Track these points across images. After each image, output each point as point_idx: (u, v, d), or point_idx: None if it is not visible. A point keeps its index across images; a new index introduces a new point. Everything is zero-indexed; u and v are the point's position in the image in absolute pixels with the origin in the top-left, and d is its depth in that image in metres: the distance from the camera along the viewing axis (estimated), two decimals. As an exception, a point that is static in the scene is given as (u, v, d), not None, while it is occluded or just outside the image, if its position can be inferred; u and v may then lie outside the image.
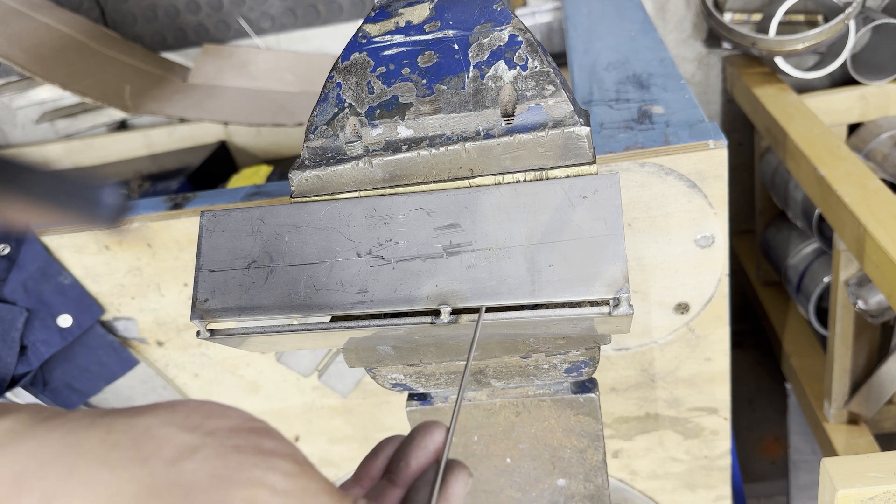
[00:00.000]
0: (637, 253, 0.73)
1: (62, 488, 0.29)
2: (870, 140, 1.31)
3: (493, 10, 0.51)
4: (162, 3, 1.54)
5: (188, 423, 0.32)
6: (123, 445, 0.30)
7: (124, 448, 0.30)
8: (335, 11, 1.52)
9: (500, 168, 0.49)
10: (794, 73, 1.31)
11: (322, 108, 0.52)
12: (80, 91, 1.31)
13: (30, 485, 0.29)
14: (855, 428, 1.19)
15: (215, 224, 0.50)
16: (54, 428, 0.31)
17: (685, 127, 0.71)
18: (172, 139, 1.57)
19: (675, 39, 1.50)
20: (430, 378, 0.57)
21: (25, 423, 0.31)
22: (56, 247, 0.86)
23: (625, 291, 0.43)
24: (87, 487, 0.29)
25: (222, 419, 0.33)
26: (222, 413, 0.33)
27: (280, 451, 0.32)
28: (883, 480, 0.56)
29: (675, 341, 0.80)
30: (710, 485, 0.92)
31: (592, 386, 0.59)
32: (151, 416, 0.32)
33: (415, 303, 0.45)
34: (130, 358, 0.92)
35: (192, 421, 0.32)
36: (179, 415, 0.32)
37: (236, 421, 0.33)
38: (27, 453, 0.30)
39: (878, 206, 0.92)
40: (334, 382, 0.91)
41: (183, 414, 0.32)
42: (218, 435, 0.32)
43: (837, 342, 1.13)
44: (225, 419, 0.33)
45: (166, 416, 0.32)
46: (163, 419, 0.32)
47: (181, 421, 0.32)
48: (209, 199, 0.84)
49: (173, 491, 0.29)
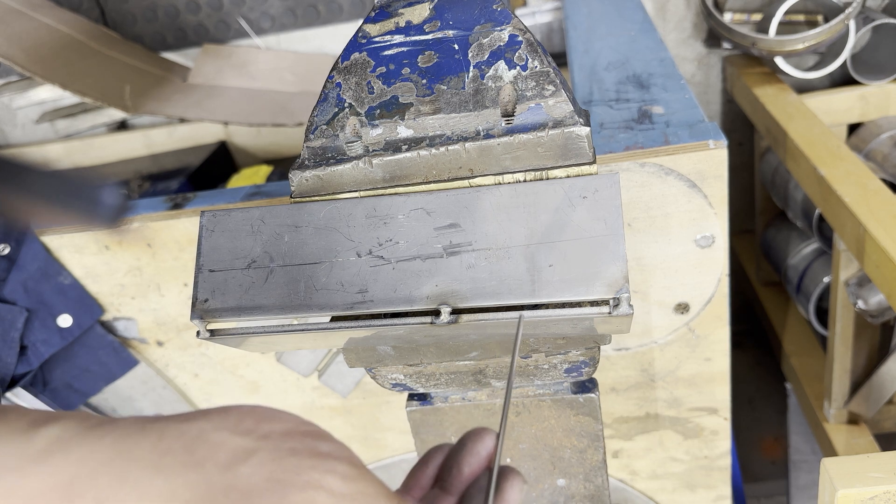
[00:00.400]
0: (637, 253, 0.73)
1: (114, 494, 0.29)
2: (870, 140, 1.31)
3: (493, 10, 0.51)
4: (162, 3, 1.54)
5: (241, 427, 0.31)
6: (176, 451, 0.30)
7: (177, 453, 0.30)
8: (335, 11, 1.52)
9: (500, 168, 0.49)
10: (794, 73, 1.31)
11: (322, 108, 0.52)
12: (80, 91, 1.31)
13: (81, 492, 0.29)
14: (855, 428, 1.19)
15: (215, 224, 0.50)
16: (104, 435, 0.30)
17: (685, 127, 0.71)
18: (172, 139, 1.57)
19: (675, 39, 1.50)
20: (430, 378, 0.57)
21: (74, 430, 0.30)
22: (56, 247, 0.86)
23: (625, 291, 0.43)
24: (139, 493, 0.29)
25: (276, 423, 0.32)
26: (275, 417, 0.33)
27: (337, 454, 0.32)
28: (883, 480, 0.56)
29: (675, 341, 0.80)
30: (710, 485, 0.92)
31: (592, 386, 0.59)
32: (203, 422, 0.31)
33: (415, 303, 0.45)
34: (130, 358, 0.92)
35: (245, 425, 0.32)
36: (232, 419, 0.32)
37: (290, 424, 0.33)
38: (77, 460, 0.29)
39: (878, 206, 0.92)
40: (334, 382, 0.91)
41: (236, 418, 0.32)
42: (272, 438, 0.31)
43: (837, 342, 1.12)
44: (278, 423, 0.32)
45: (219, 421, 0.31)
46: (215, 424, 0.31)
47: (234, 425, 0.31)
48: (209, 199, 0.84)
49: (230, 495, 0.29)
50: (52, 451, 0.30)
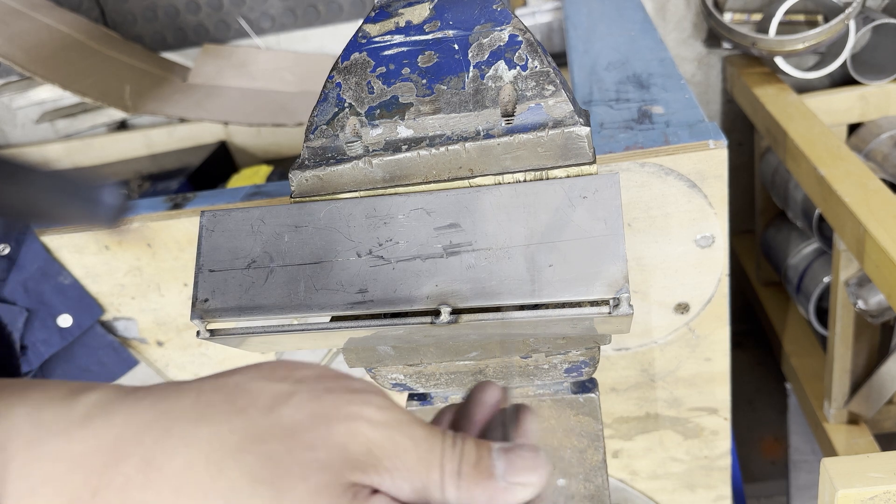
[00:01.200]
0: (637, 253, 0.73)
1: (161, 449, 0.30)
2: (870, 140, 1.31)
3: (493, 10, 0.51)
4: (162, 3, 1.54)
5: (276, 375, 0.33)
6: (217, 402, 0.31)
7: (218, 404, 0.31)
8: (335, 11, 1.52)
9: (500, 168, 0.49)
10: (794, 73, 1.31)
11: (322, 108, 0.52)
12: (80, 91, 1.31)
13: (127, 451, 0.30)
14: (855, 428, 1.19)
15: (215, 224, 0.50)
16: (142, 397, 0.31)
17: (685, 127, 0.71)
18: (172, 139, 1.57)
19: (675, 39, 1.50)
20: (430, 378, 0.57)
21: (113, 395, 0.31)
22: (56, 247, 0.86)
23: (625, 291, 0.43)
24: (186, 445, 0.30)
25: (307, 369, 0.34)
26: (305, 365, 0.34)
27: (369, 389, 0.34)
28: (883, 480, 0.56)
29: (675, 341, 0.80)
30: (710, 485, 0.92)
31: (592, 386, 0.59)
32: (239, 375, 0.33)
33: (415, 303, 0.45)
34: (130, 358, 0.92)
35: (279, 373, 0.33)
36: (266, 370, 0.33)
37: (320, 370, 0.34)
38: (120, 422, 0.30)
39: (878, 206, 0.92)
40: (334, 382, 0.91)
41: (269, 369, 0.33)
42: (307, 381, 0.33)
43: (837, 342, 1.12)
44: (309, 369, 0.34)
45: (254, 373, 0.33)
46: (251, 375, 0.33)
47: (269, 374, 0.33)
48: (209, 199, 0.84)
49: (276, 433, 0.30)
50: (93, 415, 0.30)
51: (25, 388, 0.32)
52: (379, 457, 0.31)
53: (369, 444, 0.31)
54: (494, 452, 0.34)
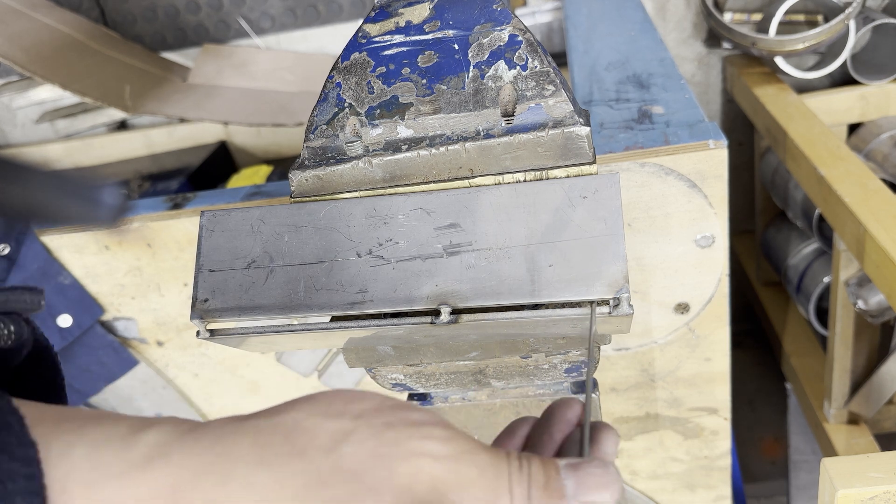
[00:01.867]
0: (637, 253, 0.73)
1: (221, 494, 0.29)
2: (870, 140, 1.31)
3: (493, 9, 0.51)
4: (162, 3, 1.54)
5: (332, 410, 0.32)
6: (276, 444, 0.30)
7: (277, 446, 0.30)
8: (335, 11, 1.52)
9: (500, 168, 0.49)
10: (794, 73, 1.31)
11: (322, 108, 0.52)
12: (80, 91, 1.31)
13: (187, 497, 0.29)
14: (855, 428, 1.19)
15: (215, 224, 0.50)
16: (200, 437, 0.31)
17: (685, 127, 0.71)
18: (172, 139, 1.57)
19: (675, 39, 1.50)
20: (430, 378, 0.57)
21: (172, 435, 0.31)
22: (56, 247, 0.86)
23: (625, 291, 0.43)
24: (247, 490, 0.29)
25: (364, 402, 0.33)
26: (362, 397, 0.33)
27: (429, 420, 0.33)
28: (883, 480, 0.56)
29: (675, 341, 0.80)
30: (710, 485, 0.92)
31: (592, 386, 0.59)
32: (295, 412, 0.32)
33: (415, 303, 0.45)
34: (130, 358, 0.92)
35: (335, 408, 0.32)
36: (322, 405, 0.32)
37: (377, 401, 0.33)
38: (179, 464, 0.30)
39: (878, 206, 0.92)
40: (334, 382, 0.91)
41: (325, 403, 0.32)
42: (366, 416, 0.32)
43: (837, 342, 1.12)
44: (366, 401, 0.33)
45: (310, 408, 0.32)
46: (307, 412, 0.32)
47: (325, 410, 0.32)
48: (209, 199, 0.84)
49: (339, 476, 0.30)
50: (153, 456, 0.30)
51: (84, 423, 0.31)
52: (444, 492, 0.30)
53: (433, 481, 0.30)
54: (563, 471, 0.33)
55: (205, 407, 0.97)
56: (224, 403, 0.97)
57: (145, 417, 0.32)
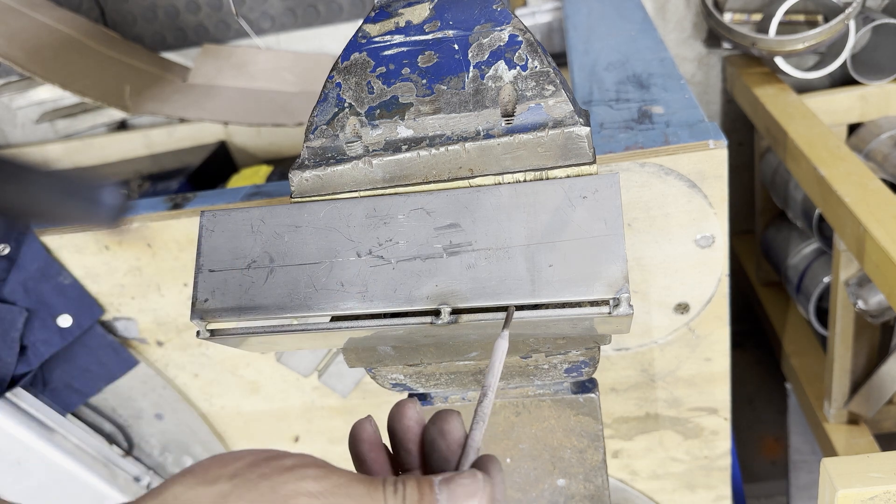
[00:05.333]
0: (637, 253, 0.73)
1: None
2: (870, 140, 1.31)
3: (493, 10, 0.51)
4: (162, 3, 1.54)
5: (209, 477, 0.34)
6: None
7: None
8: (335, 11, 1.52)
9: (500, 168, 0.49)
10: (794, 73, 1.31)
11: (322, 108, 0.52)
12: (80, 91, 1.31)
13: None
14: (855, 428, 1.18)
15: (215, 224, 0.50)
16: None
17: (685, 127, 0.71)
18: (172, 139, 1.57)
19: (675, 39, 1.50)
20: (430, 378, 0.57)
21: None
22: (56, 247, 0.86)
23: (625, 291, 0.43)
24: None
25: (238, 461, 0.35)
26: (237, 457, 0.35)
27: (303, 463, 0.35)
28: (883, 480, 0.56)
29: (675, 341, 0.80)
30: (710, 485, 0.92)
31: (592, 386, 0.59)
32: (174, 486, 0.34)
33: (415, 303, 0.45)
34: (130, 358, 0.92)
35: (212, 474, 0.34)
36: (199, 474, 0.34)
37: (251, 457, 0.35)
38: None
39: (878, 206, 0.92)
40: (334, 382, 0.91)
41: (202, 472, 0.34)
42: (240, 474, 0.34)
43: (837, 342, 1.12)
44: (240, 460, 0.35)
45: (188, 480, 0.34)
46: (186, 485, 0.34)
47: (202, 479, 0.34)
48: (209, 199, 0.84)
49: None
50: None
51: None
52: None
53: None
54: (436, 486, 0.35)
55: (205, 407, 0.97)
56: (224, 403, 0.97)
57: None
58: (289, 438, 0.99)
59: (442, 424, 0.39)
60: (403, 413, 0.40)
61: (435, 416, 0.40)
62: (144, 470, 1.03)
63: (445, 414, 0.40)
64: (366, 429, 0.40)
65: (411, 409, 0.41)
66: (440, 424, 0.39)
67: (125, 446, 1.02)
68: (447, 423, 0.39)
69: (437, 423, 0.39)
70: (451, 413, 0.40)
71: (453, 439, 0.39)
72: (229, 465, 0.34)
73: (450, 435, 0.39)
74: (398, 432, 0.40)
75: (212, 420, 0.99)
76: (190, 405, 0.97)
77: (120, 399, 0.98)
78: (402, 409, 0.41)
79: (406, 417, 0.40)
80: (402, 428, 0.40)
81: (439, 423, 0.39)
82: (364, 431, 0.40)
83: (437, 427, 0.39)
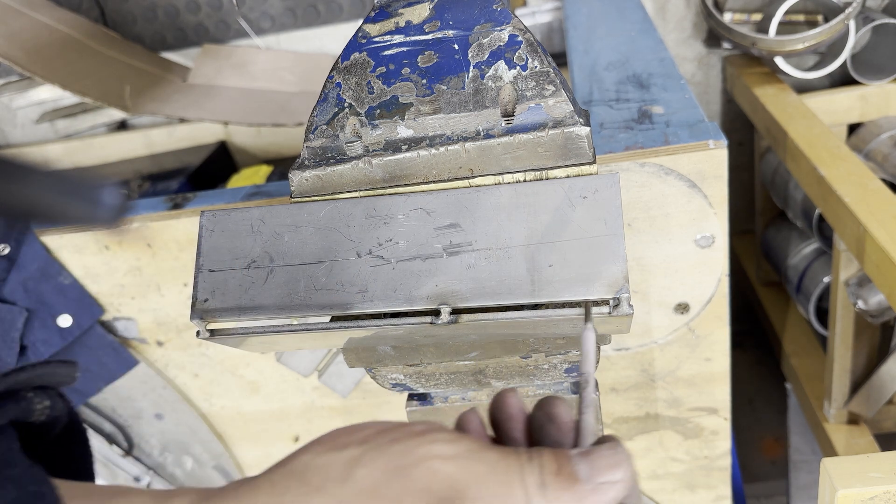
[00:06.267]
0: (637, 253, 0.73)
1: None
2: (870, 140, 1.31)
3: (493, 10, 0.51)
4: (162, 3, 1.54)
5: (338, 443, 0.34)
6: (292, 488, 0.32)
7: (294, 489, 0.32)
8: (335, 11, 1.52)
9: (500, 168, 0.49)
10: (794, 73, 1.31)
11: (322, 108, 0.52)
12: (80, 91, 1.31)
13: None
14: (855, 428, 1.18)
15: (215, 224, 0.50)
16: (222, 499, 0.33)
17: (685, 127, 0.71)
18: (172, 139, 1.57)
19: (675, 39, 1.50)
20: (430, 378, 0.57)
21: (194, 499, 0.33)
22: (56, 247, 0.86)
23: (625, 291, 0.43)
24: None
25: (366, 429, 0.34)
26: (364, 426, 0.35)
27: (432, 427, 0.34)
28: (883, 480, 0.56)
29: (675, 341, 0.80)
30: (710, 485, 0.92)
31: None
32: (302, 455, 0.34)
33: (415, 303, 0.45)
34: (130, 358, 0.92)
35: (340, 441, 0.34)
36: (327, 442, 0.34)
37: (378, 425, 0.35)
38: None
39: (878, 206, 0.92)
40: (334, 382, 0.91)
41: (329, 440, 0.34)
42: (371, 440, 0.33)
43: (837, 342, 1.12)
44: (368, 428, 0.35)
45: (316, 448, 0.34)
46: (314, 452, 0.33)
47: (331, 445, 0.34)
48: (209, 199, 0.84)
49: (360, 499, 0.31)
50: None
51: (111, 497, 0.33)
52: (461, 489, 0.31)
53: (449, 480, 0.31)
54: (574, 458, 0.33)
55: (205, 407, 0.97)
56: (224, 403, 0.97)
57: (165, 490, 0.34)
58: (289, 438, 0.99)
59: (550, 409, 0.38)
60: (506, 402, 0.39)
61: (541, 402, 0.39)
62: (144, 470, 1.03)
63: (552, 400, 0.39)
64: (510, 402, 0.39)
65: (513, 397, 0.40)
66: (548, 409, 0.38)
67: (125, 446, 1.02)
68: (555, 407, 0.38)
69: (545, 409, 0.38)
70: (557, 399, 0.39)
71: (563, 422, 0.38)
72: (358, 433, 0.34)
73: (559, 419, 0.38)
74: (502, 422, 0.39)
75: (212, 420, 0.99)
76: (190, 405, 0.97)
77: (120, 399, 0.98)
78: (505, 399, 0.39)
79: (509, 405, 0.39)
80: (505, 417, 0.39)
81: (546, 409, 0.38)
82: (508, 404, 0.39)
83: (545, 412, 0.38)
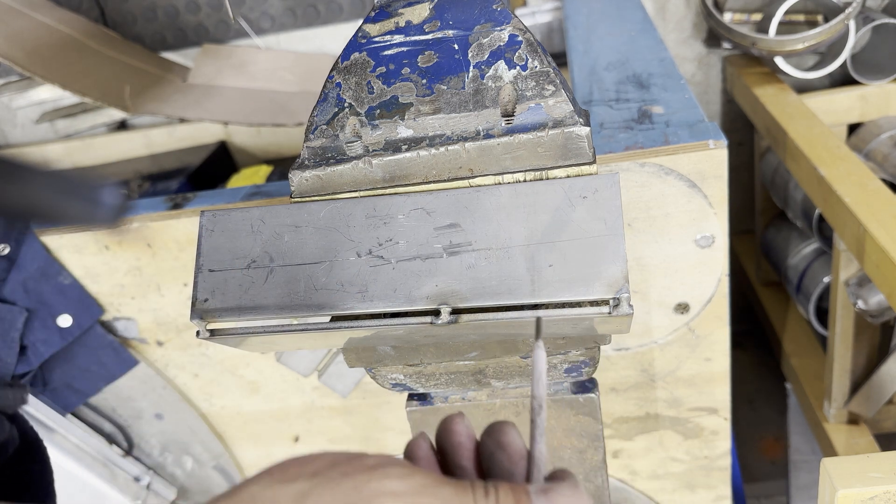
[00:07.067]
0: (637, 253, 0.73)
1: None
2: (870, 140, 1.31)
3: (493, 9, 0.51)
4: (162, 3, 1.54)
5: (288, 475, 0.32)
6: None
7: None
8: (335, 11, 1.52)
9: (500, 168, 0.49)
10: (794, 73, 1.31)
11: (322, 108, 0.52)
12: (80, 91, 1.31)
13: None
14: (855, 428, 1.18)
15: (215, 224, 0.50)
16: None
17: (685, 127, 0.71)
18: (172, 139, 1.57)
19: (675, 39, 1.50)
20: (430, 378, 0.57)
21: None
22: (56, 247, 0.86)
23: (625, 291, 0.43)
24: None
25: (318, 460, 0.33)
26: (315, 457, 0.34)
27: (386, 462, 0.33)
28: (883, 480, 0.56)
29: (675, 341, 0.80)
30: (710, 485, 0.92)
31: (592, 386, 0.59)
32: (251, 485, 0.32)
33: (415, 303, 0.45)
34: (130, 358, 0.92)
35: (291, 472, 0.32)
36: (277, 473, 0.33)
37: (331, 457, 0.33)
38: None
39: (878, 206, 0.92)
40: (334, 382, 0.91)
41: (280, 470, 0.33)
42: (322, 472, 0.32)
43: (837, 342, 1.12)
44: (320, 460, 0.33)
45: (265, 480, 0.32)
46: (262, 484, 0.32)
47: (280, 477, 0.32)
48: (209, 199, 0.84)
49: None
50: None
51: None
52: None
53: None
54: (533, 495, 0.32)
55: (205, 407, 0.97)
56: (224, 403, 0.97)
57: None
58: (289, 438, 0.99)
59: (500, 437, 0.37)
60: (452, 429, 0.38)
61: (490, 429, 0.38)
62: (144, 470, 1.03)
63: (502, 426, 0.37)
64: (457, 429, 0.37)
65: (460, 424, 0.38)
66: (497, 437, 0.37)
67: (125, 446, 1.02)
68: (506, 434, 0.37)
69: (494, 436, 0.37)
70: (507, 424, 0.38)
71: (514, 451, 0.36)
72: (309, 465, 0.33)
73: (510, 447, 0.36)
74: (449, 449, 0.38)
75: (212, 420, 0.99)
76: (190, 405, 0.97)
77: (120, 399, 0.98)
78: (451, 426, 0.38)
79: (456, 433, 0.38)
80: (452, 444, 0.38)
81: (496, 436, 0.37)
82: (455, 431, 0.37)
83: (495, 440, 0.37)
